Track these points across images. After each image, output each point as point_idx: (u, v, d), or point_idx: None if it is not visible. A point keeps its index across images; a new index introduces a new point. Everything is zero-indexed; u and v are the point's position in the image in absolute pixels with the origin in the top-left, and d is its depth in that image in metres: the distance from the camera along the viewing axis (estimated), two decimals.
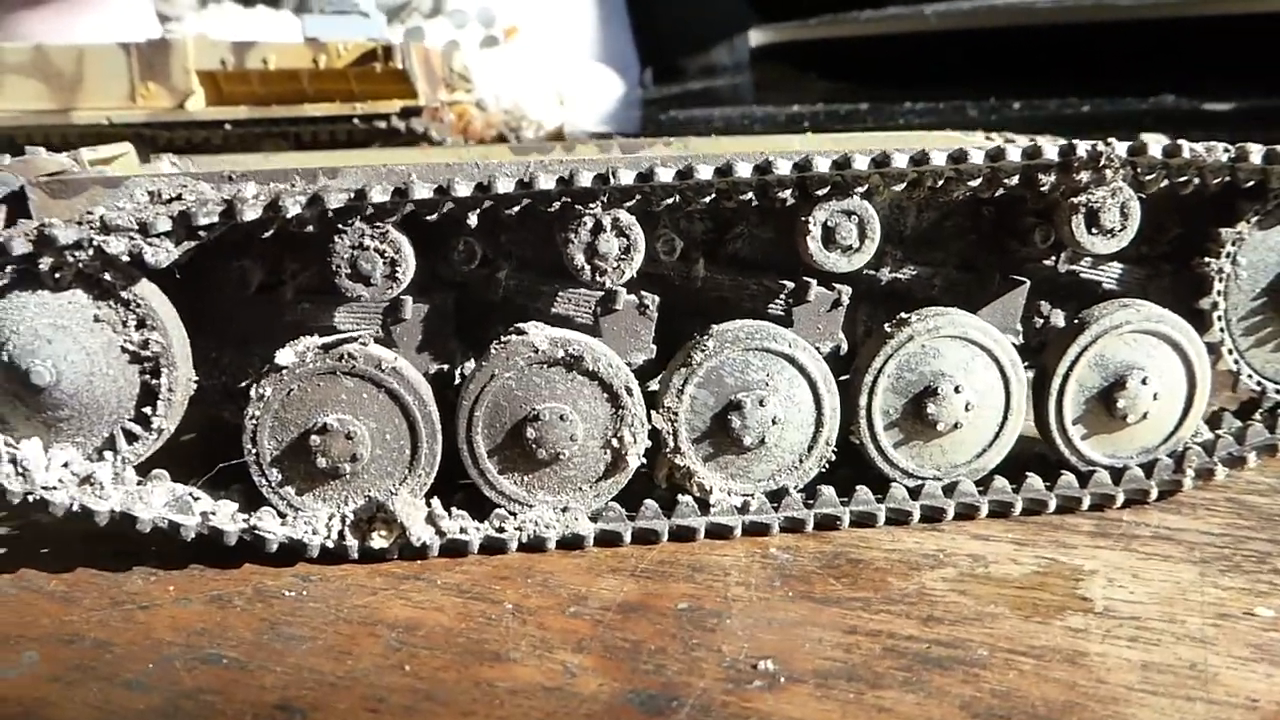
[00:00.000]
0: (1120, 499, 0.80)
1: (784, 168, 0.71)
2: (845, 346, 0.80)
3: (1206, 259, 0.81)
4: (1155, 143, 0.75)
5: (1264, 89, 1.68)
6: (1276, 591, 0.68)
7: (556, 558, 0.74)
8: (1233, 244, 0.80)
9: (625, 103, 2.83)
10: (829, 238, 0.74)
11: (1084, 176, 0.74)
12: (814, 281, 0.78)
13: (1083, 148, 0.73)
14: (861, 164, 0.71)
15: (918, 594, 0.68)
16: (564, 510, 0.74)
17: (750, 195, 0.73)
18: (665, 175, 0.70)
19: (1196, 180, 0.77)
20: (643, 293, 0.77)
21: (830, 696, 0.57)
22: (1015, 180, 0.74)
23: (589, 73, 2.93)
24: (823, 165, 0.71)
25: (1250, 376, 0.83)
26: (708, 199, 0.72)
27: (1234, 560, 0.72)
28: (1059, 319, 0.84)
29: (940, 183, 0.74)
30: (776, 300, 0.79)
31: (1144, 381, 0.78)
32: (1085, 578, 0.70)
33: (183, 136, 1.72)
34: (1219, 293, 0.81)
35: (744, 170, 0.70)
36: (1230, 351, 0.82)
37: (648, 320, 0.77)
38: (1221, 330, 0.82)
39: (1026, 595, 0.68)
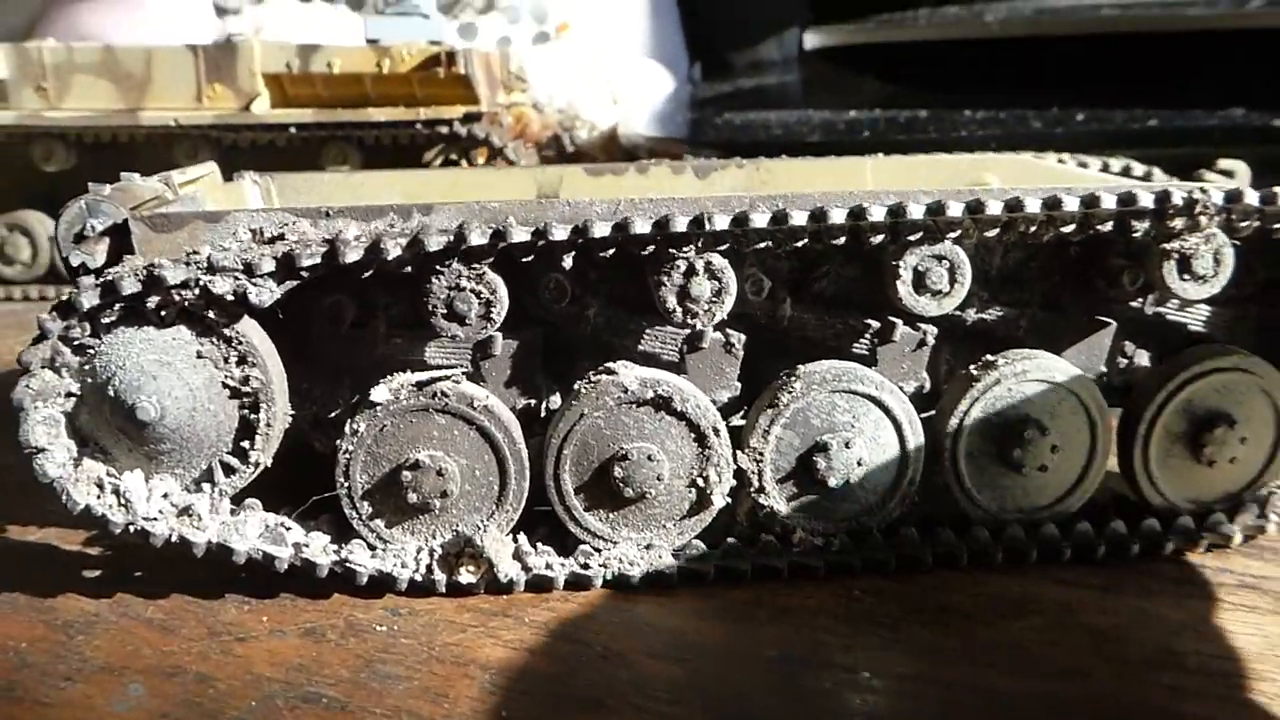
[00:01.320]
0: (1203, 544, 0.79)
1: (878, 213, 0.71)
2: (929, 386, 0.80)
3: None
4: (1251, 191, 0.74)
5: None
6: None
7: (640, 595, 0.74)
8: None
9: (676, 101, 2.82)
10: (920, 282, 0.74)
11: (1178, 223, 0.74)
12: (899, 322, 0.78)
13: (1178, 195, 0.73)
14: (955, 210, 0.71)
15: (1008, 644, 0.68)
16: (648, 547, 0.75)
17: (841, 238, 0.73)
18: (760, 220, 0.70)
19: None
20: (729, 331, 0.77)
21: None
22: (1108, 225, 0.74)
23: (641, 69, 2.92)
24: (916, 211, 0.71)
25: None
26: (800, 242, 0.72)
27: None
28: (1143, 359, 0.83)
29: (1032, 227, 0.74)
30: (861, 340, 0.79)
31: (1231, 426, 0.77)
32: (1174, 630, 0.69)
33: (248, 138, 1.74)
34: None
35: (838, 216, 0.71)
36: None
37: (733, 358, 0.78)
38: None
39: (1118, 649, 0.68)
